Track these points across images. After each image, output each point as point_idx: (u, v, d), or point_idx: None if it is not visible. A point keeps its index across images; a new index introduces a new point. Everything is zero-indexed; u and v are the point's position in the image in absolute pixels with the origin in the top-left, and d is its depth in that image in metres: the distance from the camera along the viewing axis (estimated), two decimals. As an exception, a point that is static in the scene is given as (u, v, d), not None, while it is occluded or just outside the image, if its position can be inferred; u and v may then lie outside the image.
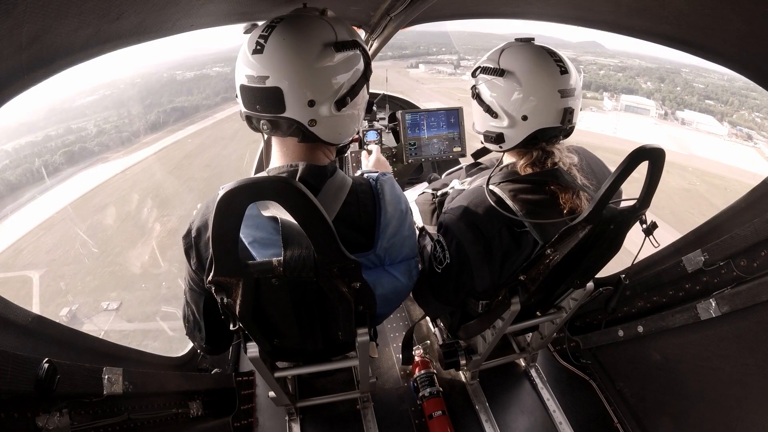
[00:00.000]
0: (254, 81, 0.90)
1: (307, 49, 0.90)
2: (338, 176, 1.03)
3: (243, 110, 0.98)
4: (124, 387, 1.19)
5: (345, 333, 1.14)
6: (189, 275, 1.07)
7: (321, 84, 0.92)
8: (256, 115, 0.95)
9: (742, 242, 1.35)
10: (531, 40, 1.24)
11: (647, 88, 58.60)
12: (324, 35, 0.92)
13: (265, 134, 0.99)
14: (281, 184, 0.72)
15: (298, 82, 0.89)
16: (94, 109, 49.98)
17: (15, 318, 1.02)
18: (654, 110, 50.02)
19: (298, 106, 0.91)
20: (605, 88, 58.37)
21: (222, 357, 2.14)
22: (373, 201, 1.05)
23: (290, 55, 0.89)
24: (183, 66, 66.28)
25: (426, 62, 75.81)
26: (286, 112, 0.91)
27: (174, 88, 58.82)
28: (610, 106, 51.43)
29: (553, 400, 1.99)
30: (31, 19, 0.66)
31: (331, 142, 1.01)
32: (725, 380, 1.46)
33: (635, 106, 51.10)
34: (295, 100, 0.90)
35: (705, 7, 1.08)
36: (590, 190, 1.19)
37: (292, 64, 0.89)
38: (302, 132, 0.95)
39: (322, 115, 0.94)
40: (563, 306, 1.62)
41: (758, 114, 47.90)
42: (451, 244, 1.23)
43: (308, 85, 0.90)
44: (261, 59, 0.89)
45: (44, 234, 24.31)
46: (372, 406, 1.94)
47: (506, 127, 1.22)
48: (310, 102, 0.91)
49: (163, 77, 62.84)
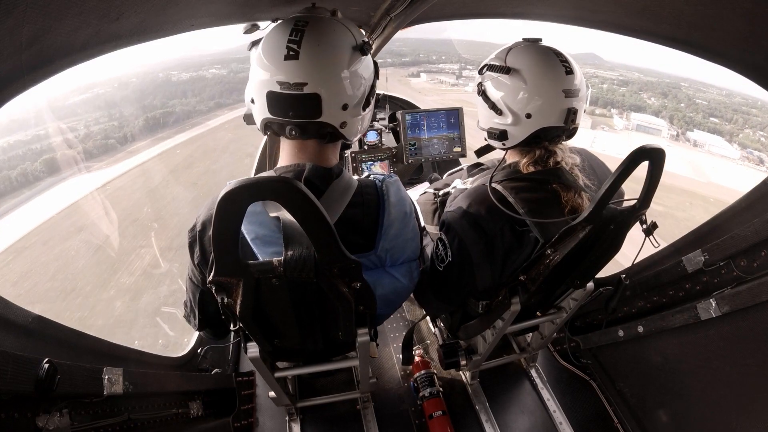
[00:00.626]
0: (289, 88, 0.89)
1: (342, 54, 0.91)
2: (344, 178, 1.04)
3: (267, 116, 0.95)
4: (124, 387, 1.19)
5: (345, 333, 1.13)
6: (190, 267, 1.08)
7: (353, 88, 0.94)
8: (286, 121, 0.93)
9: (742, 242, 1.35)
10: (539, 41, 1.25)
11: (653, 104, 57.50)
12: (348, 39, 0.94)
13: (288, 138, 0.98)
14: (281, 183, 0.72)
15: (336, 88, 0.91)
16: (86, 108, 48.05)
17: (15, 318, 1.02)
18: (666, 130, 48.80)
19: (334, 111, 0.93)
20: (613, 105, 57.13)
21: (222, 357, 2.14)
22: (377, 202, 1.06)
23: (328, 61, 0.90)
24: (179, 66, 64.74)
25: (427, 71, 74.07)
26: (322, 117, 0.92)
27: (168, 90, 57.25)
28: (621, 125, 50.31)
29: (554, 400, 1.99)
30: (31, 19, 0.66)
31: (351, 140, 1.05)
32: (725, 380, 1.46)
33: (646, 125, 49.91)
34: (332, 105, 0.92)
35: (705, 7, 1.08)
36: (592, 191, 1.20)
37: (330, 70, 0.90)
38: (330, 134, 0.97)
39: (351, 116, 0.97)
40: (563, 306, 1.62)
41: (762, 133, 47.71)
42: (453, 242, 1.24)
43: (344, 90, 0.92)
44: (297, 65, 0.88)
45: (13, 259, 22.38)
46: (372, 407, 1.94)
47: (510, 125, 1.23)
48: (344, 106, 0.93)
49: (158, 77, 61.19)
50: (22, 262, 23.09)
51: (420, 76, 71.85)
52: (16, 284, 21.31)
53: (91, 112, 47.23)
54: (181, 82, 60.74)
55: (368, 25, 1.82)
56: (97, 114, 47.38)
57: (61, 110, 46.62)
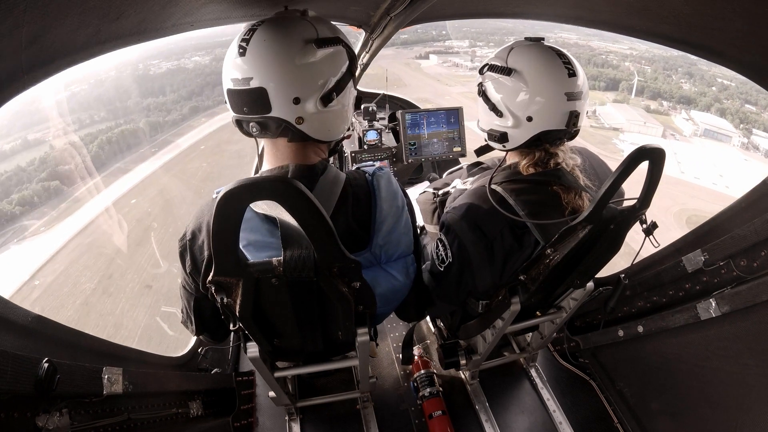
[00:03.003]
0: (239, 83, 0.91)
1: (288, 47, 0.91)
2: (330, 173, 1.03)
3: (233, 115, 0.98)
4: (124, 387, 1.19)
5: (345, 333, 1.14)
6: (183, 276, 1.08)
7: (304, 81, 0.92)
8: (245, 117, 0.95)
9: (742, 242, 1.35)
10: (541, 40, 1.23)
11: (689, 91, 45.16)
12: (305, 33, 0.93)
13: (256, 137, 0.99)
14: (281, 184, 0.72)
15: (281, 81, 0.90)
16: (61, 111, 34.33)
17: (15, 318, 1.02)
18: (736, 138, 35.35)
19: (284, 105, 0.92)
20: (661, 95, 44.03)
21: (222, 357, 2.14)
22: (368, 196, 1.05)
23: (271, 55, 0.90)
24: (161, 54, 52.88)
25: (437, 52, 62.66)
26: (273, 111, 0.92)
27: (145, 86, 46.70)
28: (689, 130, 37.23)
29: (553, 400, 1.99)
30: (31, 19, 0.66)
31: (322, 140, 1.02)
32: (725, 380, 1.46)
33: (715, 131, 36.29)
34: (280, 99, 0.91)
35: (705, 7, 1.08)
36: (592, 191, 1.19)
37: (273, 63, 0.90)
38: (291, 131, 0.95)
39: (309, 111, 0.94)
40: (563, 306, 1.62)
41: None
42: (453, 244, 1.24)
43: (291, 83, 0.91)
44: (244, 61, 0.90)
45: None
46: (372, 406, 1.94)
47: (510, 127, 1.21)
48: (295, 99, 0.92)
49: (138, 69, 49.62)
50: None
51: (429, 58, 59.24)
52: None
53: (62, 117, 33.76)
54: (158, 75, 49.30)
55: (368, 25, 1.82)
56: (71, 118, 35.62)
57: (34, 115, 31.48)
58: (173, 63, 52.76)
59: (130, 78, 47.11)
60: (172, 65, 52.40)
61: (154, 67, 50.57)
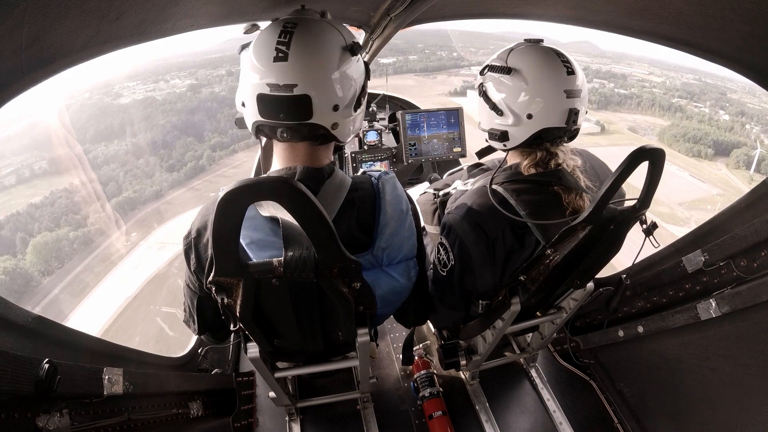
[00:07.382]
0: (279, 90, 0.88)
1: (331, 54, 0.91)
2: (337, 176, 1.04)
3: (258, 119, 0.94)
4: (124, 387, 1.19)
5: (345, 333, 1.14)
6: (187, 274, 1.08)
7: (344, 88, 0.94)
8: (277, 123, 0.93)
9: (742, 242, 1.35)
10: (540, 41, 1.25)
11: (726, 123, 37.13)
12: (338, 40, 0.93)
13: (280, 140, 0.98)
14: (281, 184, 0.72)
15: (326, 89, 0.91)
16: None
17: (15, 318, 1.02)
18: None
19: (325, 112, 0.92)
20: (701, 142, 34.42)
21: (222, 357, 2.14)
22: (373, 200, 1.06)
23: (317, 63, 0.90)
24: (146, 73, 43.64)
25: (471, 86, 51.89)
26: (313, 118, 0.92)
27: (103, 126, 32.95)
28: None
29: (554, 401, 1.99)
30: (31, 20, 0.66)
31: (344, 142, 1.04)
32: (725, 380, 1.46)
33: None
34: (323, 106, 0.91)
35: (705, 7, 1.08)
36: (593, 192, 1.20)
37: (319, 71, 0.90)
38: (322, 135, 0.96)
39: (343, 117, 0.96)
40: (563, 306, 1.62)
41: None
42: (454, 245, 1.24)
43: (334, 91, 0.92)
44: (286, 67, 0.88)
45: None
46: (372, 407, 1.94)
47: (511, 126, 1.22)
48: (335, 107, 0.93)
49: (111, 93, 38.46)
50: None
51: (466, 95, 42.93)
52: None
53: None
54: (123, 107, 37.30)
55: (368, 25, 1.82)
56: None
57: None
58: (150, 86, 43.67)
59: (91, 109, 35.81)
60: (148, 89, 42.79)
61: (127, 90, 41.95)
